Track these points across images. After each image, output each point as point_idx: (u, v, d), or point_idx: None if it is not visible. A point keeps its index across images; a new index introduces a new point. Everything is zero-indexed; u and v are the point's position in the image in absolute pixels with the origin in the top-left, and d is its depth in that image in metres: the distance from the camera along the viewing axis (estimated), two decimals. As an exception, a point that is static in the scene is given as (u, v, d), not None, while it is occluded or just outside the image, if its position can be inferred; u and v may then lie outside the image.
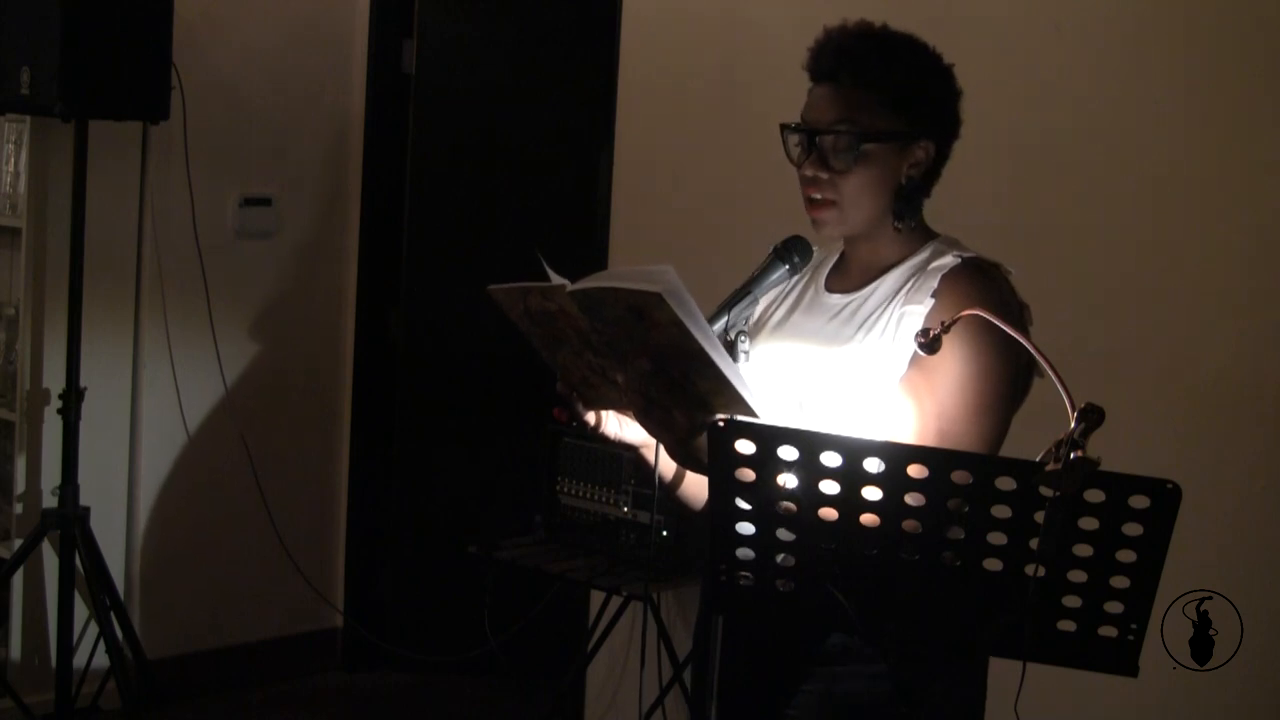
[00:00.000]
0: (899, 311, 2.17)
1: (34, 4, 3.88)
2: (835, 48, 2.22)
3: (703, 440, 2.00)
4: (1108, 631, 1.76)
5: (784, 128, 2.24)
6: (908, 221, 2.24)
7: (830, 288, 2.30)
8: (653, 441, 2.13)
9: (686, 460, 2.07)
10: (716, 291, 2.24)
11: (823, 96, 2.22)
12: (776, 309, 2.36)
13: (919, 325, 2.12)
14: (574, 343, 2.04)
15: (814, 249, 2.33)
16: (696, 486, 2.30)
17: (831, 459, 1.75)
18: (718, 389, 1.96)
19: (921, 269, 2.20)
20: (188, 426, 4.64)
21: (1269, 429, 3.09)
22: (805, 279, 2.35)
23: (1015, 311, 2.16)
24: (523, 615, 4.16)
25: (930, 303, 2.14)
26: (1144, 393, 3.20)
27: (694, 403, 2.00)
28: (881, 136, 2.18)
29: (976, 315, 1.94)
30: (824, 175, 2.20)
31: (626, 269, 1.97)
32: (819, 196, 2.21)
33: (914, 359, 2.11)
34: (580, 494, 3.89)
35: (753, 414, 1.97)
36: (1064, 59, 3.37)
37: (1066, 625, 1.77)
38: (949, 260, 2.18)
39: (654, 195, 4.20)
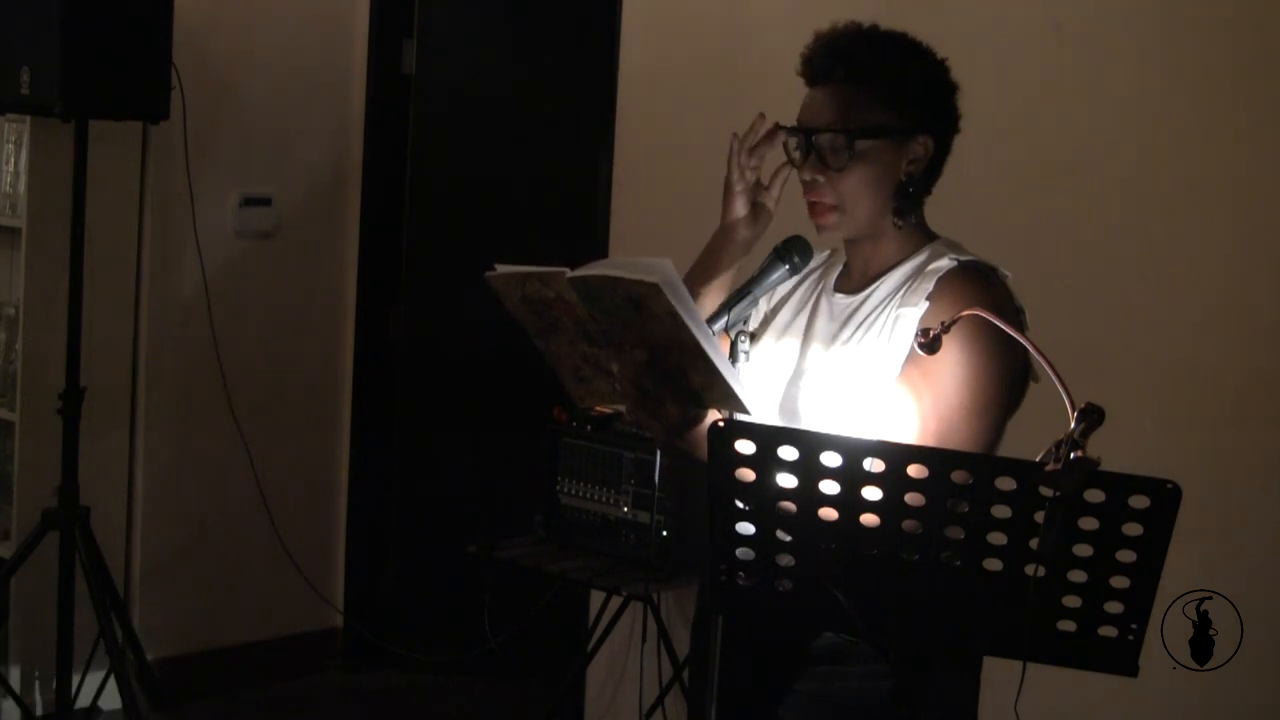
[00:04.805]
0: (894, 314, 2.17)
1: (34, 4, 3.88)
2: (825, 48, 2.23)
3: (694, 434, 2.00)
4: (1108, 631, 1.76)
5: (782, 130, 2.25)
6: (908, 220, 2.24)
7: (837, 289, 2.31)
8: None
9: (675, 452, 2.08)
10: (716, 291, 2.25)
11: (817, 98, 2.23)
12: (783, 309, 2.37)
13: (913, 327, 2.12)
14: (569, 331, 2.04)
15: (814, 250, 2.34)
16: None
17: (831, 459, 1.75)
18: (710, 383, 1.96)
19: (919, 271, 2.20)
20: (188, 426, 4.64)
21: (1269, 429, 3.09)
22: (816, 280, 2.36)
23: (1012, 315, 2.16)
24: (523, 615, 4.16)
25: (925, 305, 2.14)
26: (1144, 393, 3.20)
27: (687, 395, 2.00)
28: (876, 132, 2.18)
29: (975, 316, 1.94)
30: (821, 178, 2.20)
31: (626, 259, 1.98)
32: (819, 200, 2.22)
33: (911, 359, 2.12)
34: (580, 494, 3.89)
35: (744, 410, 1.97)
36: (1064, 59, 3.37)
37: (1066, 625, 1.77)
38: (945, 263, 2.18)
39: (654, 195, 4.20)
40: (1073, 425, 1.63)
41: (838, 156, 2.19)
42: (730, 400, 1.97)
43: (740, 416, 1.98)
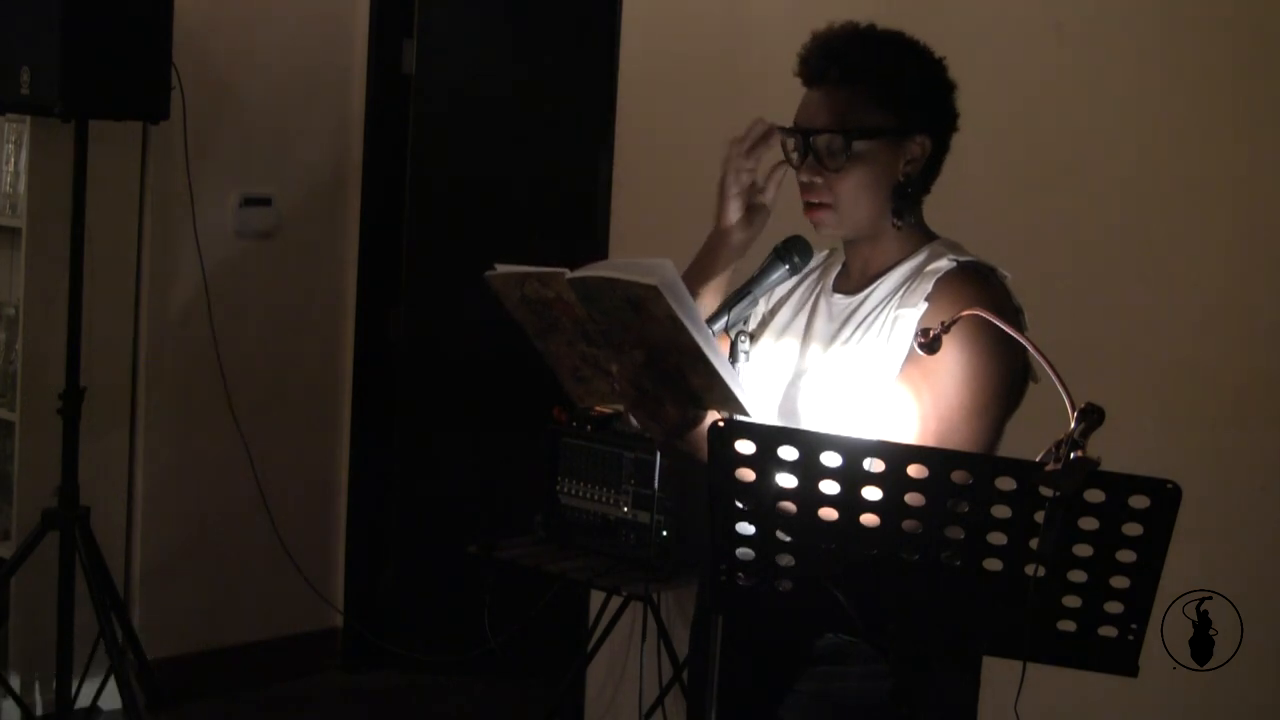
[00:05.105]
0: (893, 314, 2.17)
1: (34, 4, 3.88)
2: (821, 49, 2.22)
3: (693, 435, 2.00)
4: (1108, 631, 1.76)
5: (780, 131, 2.25)
6: (906, 220, 2.24)
7: (836, 289, 2.31)
8: None
9: (674, 453, 2.08)
10: (716, 291, 2.25)
11: (814, 99, 2.23)
12: (783, 310, 2.36)
13: (912, 328, 2.12)
14: (568, 331, 2.03)
15: (814, 250, 2.34)
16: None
17: (831, 459, 1.75)
18: (710, 385, 1.96)
19: (918, 272, 2.20)
20: (188, 426, 4.64)
21: (1269, 429, 3.09)
22: (815, 280, 2.36)
23: (1011, 315, 2.16)
24: (523, 615, 4.16)
25: (924, 306, 2.14)
26: (1144, 393, 3.20)
27: (687, 396, 2.00)
28: (873, 133, 2.18)
29: (975, 316, 1.94)
30: (819, 179, 2.20)
31: (626, 260, 1.97)
32: (816, 201, 2.22)
33: (911, 359, 2.12)
34: (580, 494, 3.89)
35: (744, 411, 1.97)
36: (1064, 59, 3.37)
37: (1066, 625, 1.77)
38: (944, 264, 2.18)
39: (654, 195, 4.20)
40: (1073, 425, 1.63)
41: (835, 158, 2.19)
42: (730, 402, 1.96)
43: (740, 417, 1.98)
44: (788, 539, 1.83)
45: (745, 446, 1.79)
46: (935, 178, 2.28)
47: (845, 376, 2.17)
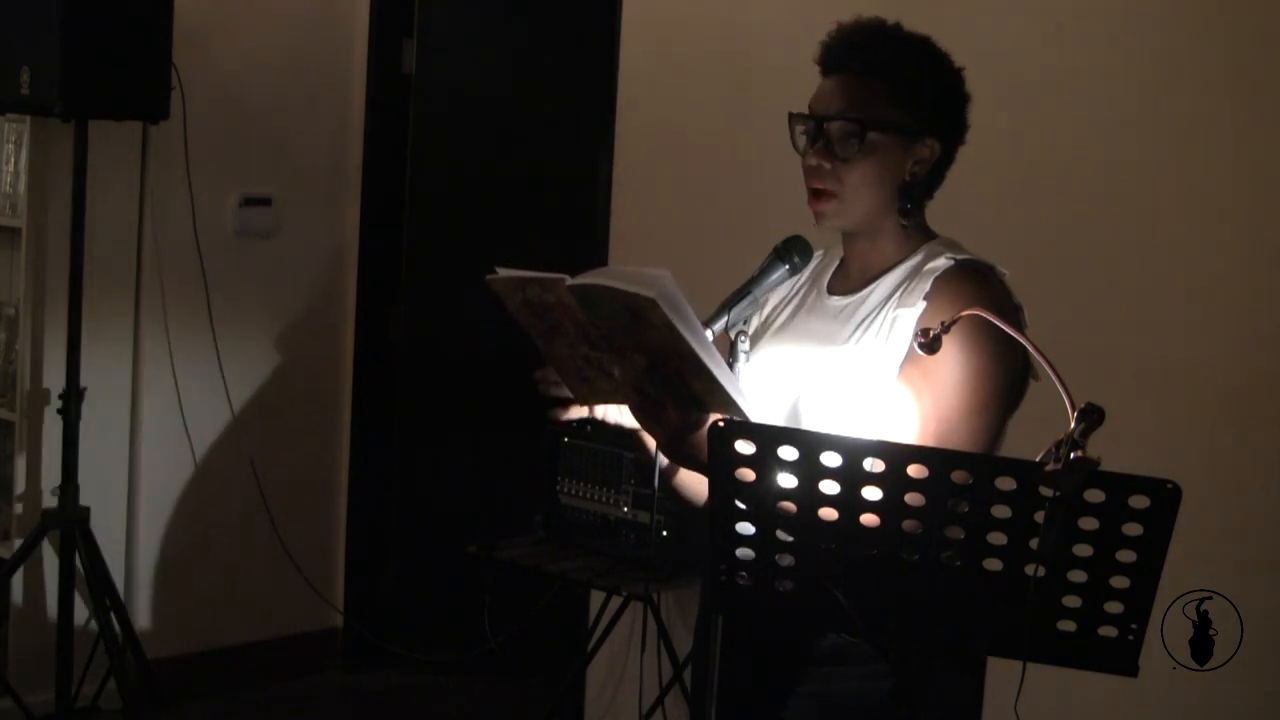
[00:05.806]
0: (892, 315, 2.17)
1: (34, 4, 3.88)
2: (846, 39, 2.23)
3: (695, 437, 2.00)
4: (1107, 631, 1.75)
5: (792, 116, 2.25)
6: (910, 220, 2.24)
7: (831, 290, 2.31)
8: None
9: (678, 456, 2.08)
10: (716, 292, 2.25)
11: (831, 87, 2.23)
12: (781, 312, 2.36)
13: (910, 328, 2.12)
14: (570, 335, 2.04)
15: (814, 250, 2.33)
16: (693, 479, 2.30)
17: (831, 459, 1.75)
18: (710, 390, 1.96)
19: (916, 271, 2.20)
20: (188, 426, 4.64)
21: (1269, 429, 3.09)
22: (809, 282, 2.36)
23: (1010, 313, 2.16)
24: (523, 615, 4.16)
25: (922, 305, 2.14)
26: (1144, 393, 3.20)
27: (689, 400, 2.00)
28: (887, 127, 2.18)
29: (975, 316, 1.94)
30: (827, 165, 2.20)
31: (625, 269, 1.97)
32: (821, 187, 2.21)
33: (910, 358, 2.11)
34: (580, 494, 3.89)
35: (745, 416, 1.97)
36: (1064, 59, 3.37)
37: (1066, 625, 1.77)
38: (942, 263, 2.18)
39: (654, 195, 4.20)
40: (1073, 425, 1.63)
41: (846, 146, 2.18)
42: (730, 407, 1.97)
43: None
44: (788, 539, 1.83)
45: (745, 446, 1.79)
46: (939, 185, 2.28)
47: (845, 378, 2.17)
